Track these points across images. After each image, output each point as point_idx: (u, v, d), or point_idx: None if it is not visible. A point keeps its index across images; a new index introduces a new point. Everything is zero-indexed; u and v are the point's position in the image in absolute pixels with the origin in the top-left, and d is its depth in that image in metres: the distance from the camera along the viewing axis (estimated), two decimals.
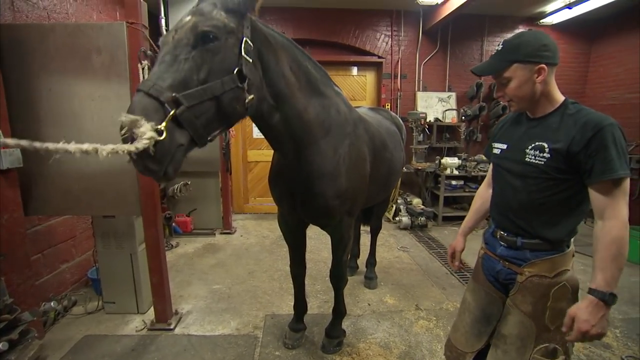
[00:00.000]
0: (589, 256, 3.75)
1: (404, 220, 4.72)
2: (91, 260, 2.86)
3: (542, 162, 1.16)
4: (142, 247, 2.54)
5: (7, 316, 1.76)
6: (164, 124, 0.97)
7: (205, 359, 2.16)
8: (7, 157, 1.94)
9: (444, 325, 2.51)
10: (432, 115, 5.22)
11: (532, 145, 1.19)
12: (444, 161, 4.87)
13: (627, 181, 1.06)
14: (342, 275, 2.13)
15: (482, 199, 1.54)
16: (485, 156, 1.78)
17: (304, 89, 1.57)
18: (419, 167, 5.01)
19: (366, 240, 3.42)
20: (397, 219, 4.88)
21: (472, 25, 5.15)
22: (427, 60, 5.23)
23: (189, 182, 4.25)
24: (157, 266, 2.40)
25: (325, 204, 1.74)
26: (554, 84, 1.18)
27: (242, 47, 1.20)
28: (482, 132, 5.40)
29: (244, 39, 1.21)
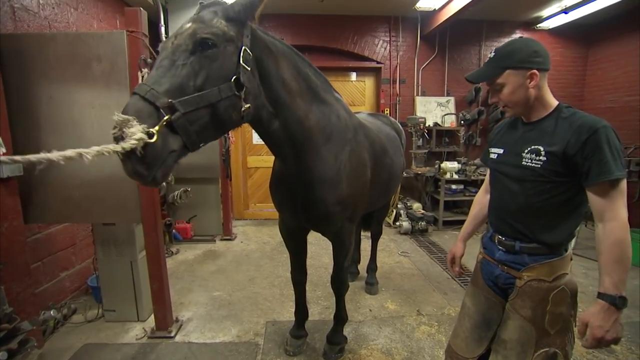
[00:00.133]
0: (590, 259, 3.74)
1: (405, 225, 4.71)
2: (91, 267, 2.86)
3: (539, 165, 1.17)
4: (143, 254, 2.54)
5: (6, 325, 1.75)
6: (157, 128, 0.98)
7: None
8: (8, 166, 1.94)
9: (446, 330, 2.49)
10: (431, 119, 5.24)
11: (528, 148, 1.20)
12: (444, 165, 4.88)
13: (624, 182, 1.07)
14: (343, 281, 2.12)
15: (479, 205, 1.55)
16: (482, 162, 1.78)
17: (304, 96, 1.58)
18: (419, 172, 5.02)
19: (367, 245, 3.41)
20: (397, 223, 4.87)
21: (470, 30, 5.18)
22: (425, 65, 5.26)
23: (189, 189, 4.25)
24: (158, 273, 2.39)
25: (326, 210, 1.74)
26: (547, 89, 1.21)
27: (241, 55, 1.20)
28: (481, 136, 5.41)
29: (243, 47, 1.22)
